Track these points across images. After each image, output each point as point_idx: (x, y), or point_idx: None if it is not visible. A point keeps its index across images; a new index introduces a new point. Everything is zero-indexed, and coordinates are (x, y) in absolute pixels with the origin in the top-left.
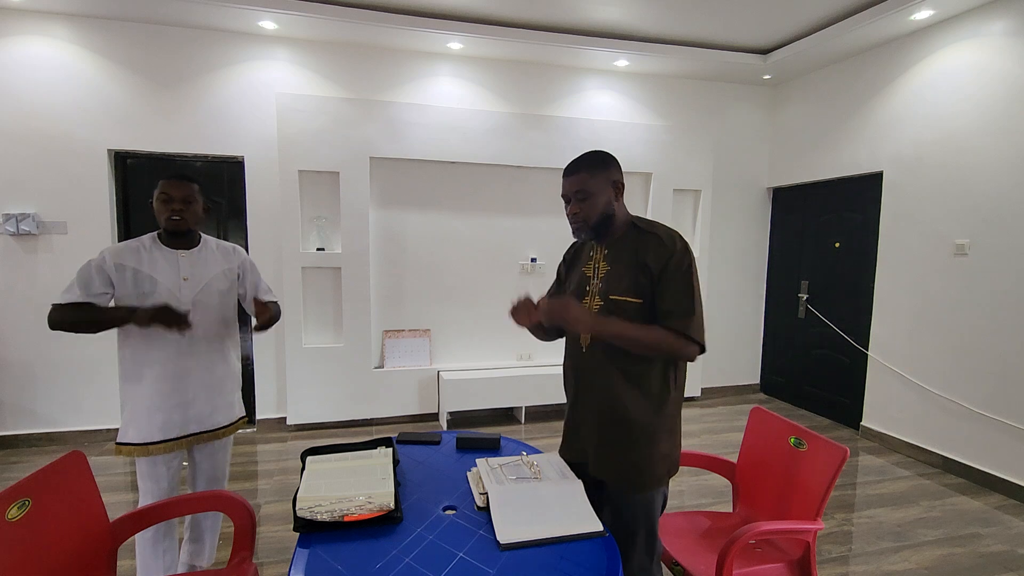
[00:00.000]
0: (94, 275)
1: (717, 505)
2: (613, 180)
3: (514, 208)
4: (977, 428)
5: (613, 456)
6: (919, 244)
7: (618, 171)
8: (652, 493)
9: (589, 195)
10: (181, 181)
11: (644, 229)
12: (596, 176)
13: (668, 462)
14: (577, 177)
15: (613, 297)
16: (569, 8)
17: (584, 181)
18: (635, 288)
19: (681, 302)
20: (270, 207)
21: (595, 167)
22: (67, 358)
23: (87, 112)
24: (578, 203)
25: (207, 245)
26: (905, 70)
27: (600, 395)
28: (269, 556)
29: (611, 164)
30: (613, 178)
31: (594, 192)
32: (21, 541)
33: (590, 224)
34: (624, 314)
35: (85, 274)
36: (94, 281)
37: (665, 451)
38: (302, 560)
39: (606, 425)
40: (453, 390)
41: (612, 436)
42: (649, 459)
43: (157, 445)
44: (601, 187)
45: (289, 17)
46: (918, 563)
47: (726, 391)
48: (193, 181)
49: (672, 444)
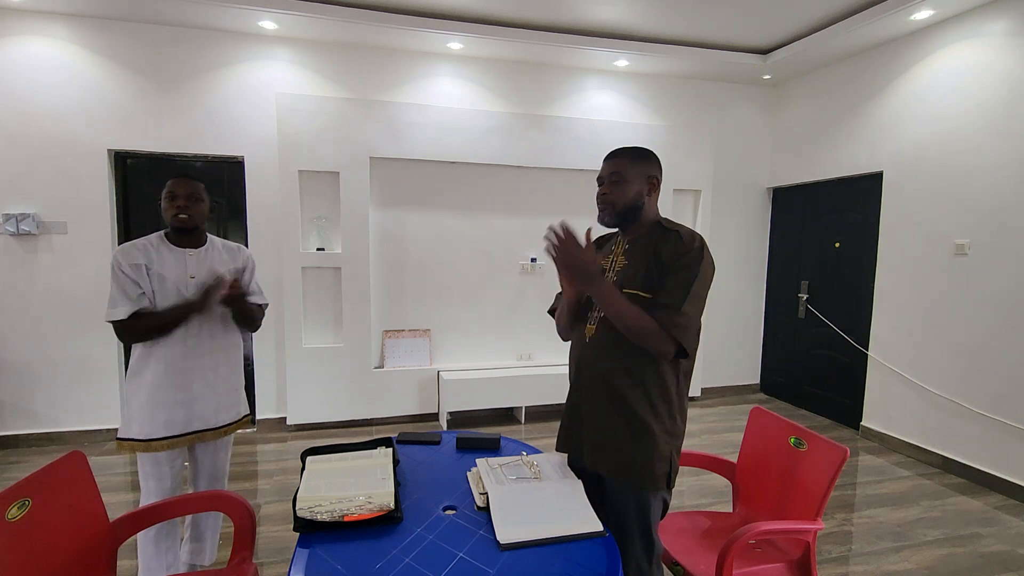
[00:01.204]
0: (126, 279)
1: (717, 505)
2: (650, 175)
3: (514, 208)
4: (977, 428)
5: (607, 448)
6: (919, 244)
7: (658, 169)
8: (647, 493)
9: (623, 180)
10: (186, 179)
11: (667, 228)
12: (635, 165)
13: (666, 465)
14: (617, 161)
15: (626, 290)
16: (569, 8)
17: (622, 166)
18: (647, 283)
19: (674, 296)
20: (270, 207)
21: (636, 157)
22: (67, 358)
23: (87, 112)
24: (610, 185)
25: (214, 245)
26: (905, 70)
27: (599, 386)
28: (269, 556)
29: (652, 160)
30: (650, 173)
31: (628, 179)
32: (21, 541)
33: (617, 209)
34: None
35: (119, 285)
36: (128, 285)
37: (664, 453)
38: (302, 560)
39: (602, 416)
40: (453, 390)
41: (608, 427)
42: (645, 456)
43: (160, 441)
44: (637, 176)
45: (289, 17)
46: (918, 563)
47: (726, 391)
48: (198, 179)
49: (672, 448)
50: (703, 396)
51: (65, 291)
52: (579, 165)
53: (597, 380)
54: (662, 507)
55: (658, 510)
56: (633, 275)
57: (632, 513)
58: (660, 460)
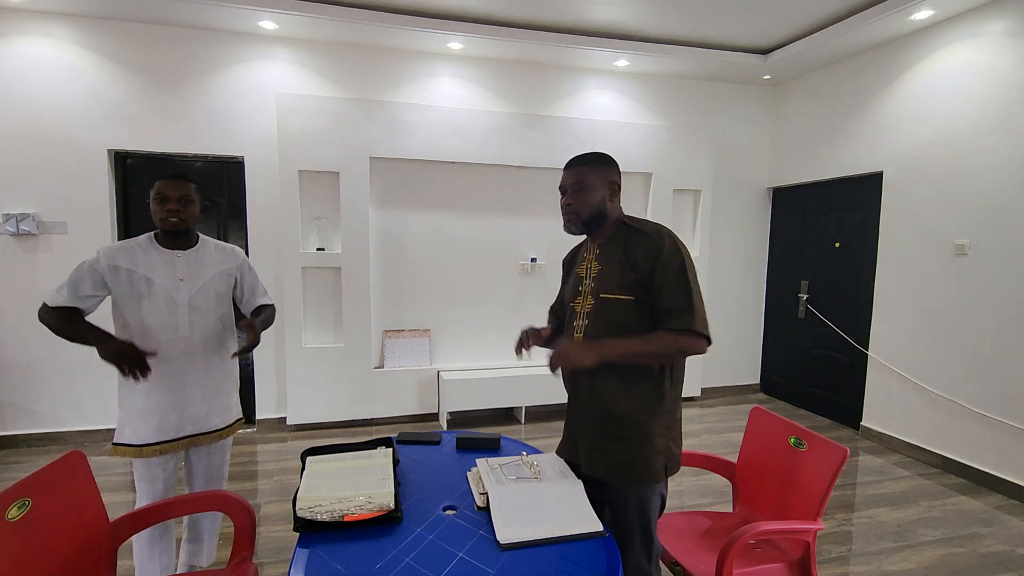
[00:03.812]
0: (85, 276)
1: (717, 505)
2: (610, 180)
3: (514, 208)
4: (977, 428)
5: (603, 452)
6: (919, 244)
7: (616, 173)
8: (645, 489)
9: (585, 188)
10: (178, 180)
11: (632, 227)
12: (595, 172)
13: (664, 458)
14: (577, 170)
15: (604, 296)
16: (569, 8)
17: (583, 174)
18: (625, 286)
19: (679, 300)
20: (270, 207)
21: (595, 164)
22: (67, 358)
23: (87, 112)
24: (573, 194)
25: (206, 245)
26: (905, 70)
27: (589, 392)
28: (269, 556)
29: (610, 165)
30: (610, 178)
31: (590, 187)
32: (21, 541)
33: (581, 218)
34: (616, 312)
35: (77, 275)
36: (84, 283)
37: (660, 447)
38: (302, 560)
39: (595, 421)
40: (453, 390)
41: (601, 432)
42: (642, 455)
43: (152, 447)
44: (598, 183)
45: (289, 17)
46: (918, 563)
47: (726, 391)
48: (189, 180)
49: (668, 440)
50: (703, 396)
51: None
52: None
53: (587, 385)
54: (660, 502)
55: (656, 505)
56: (609, 279)
57: (632, 511)
58: (656, 455)
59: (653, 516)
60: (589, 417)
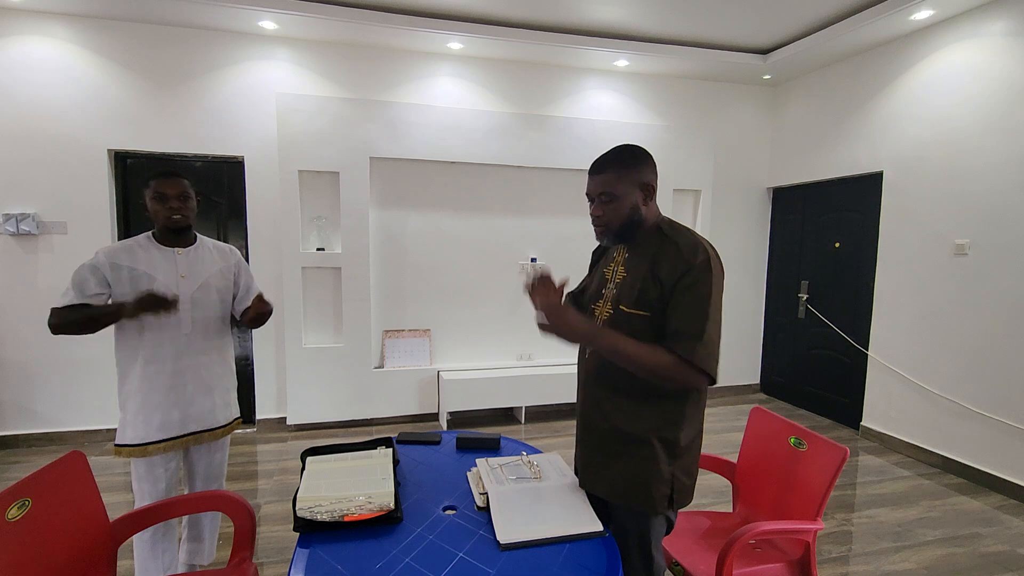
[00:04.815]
0: (88, 276)
1: (717, 505)
2: (643, 182)
3: (514, 208)
4: (977, 428)
5: (598, 468)
6: (919, 244)
7: (650, 171)
8: (646, 515)
9: (614, 198)
10: (175, 178)
11: (667, 235)
12: (623, 177)
13: (667, 487)
14: (603, 177)
15: (623, 307)
16: (569, 8)
17: (610, 183)
18: (643, 300)
19: (691, 323)
20: (270, 207)
21: (623, 166)
22: (67, 358)
23: (87, 112)
24: (601, 205)
25: (203, 244)
26: (905, 70)
27: (592, 404)
28: (269, 556)
29: (642, 163)
30: (643, 180)
31: (620, 195)
32: (21, 541)
33: (612, 229)
34: (631, 327)
35: (80, 276)
36: (88, 282)
37: (664, 474)
38: (302, 560)
39: (594, 435)
40: (453, 390)
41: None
42: (641, 477)
43: (156, 445)
44: (627, 190)
45: (289, 17)
46: (918, 563)
47: (726, 391)
48: (183, 176)
49: (677, 468)
50: None
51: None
52: (579, 165)
53: (592, 397)
54: (665, 526)
55: (660, 531)
56: (630, 291)
57: (632, 534)
58: (659, 482)
59: (655, 541)
60: (588, 431)
